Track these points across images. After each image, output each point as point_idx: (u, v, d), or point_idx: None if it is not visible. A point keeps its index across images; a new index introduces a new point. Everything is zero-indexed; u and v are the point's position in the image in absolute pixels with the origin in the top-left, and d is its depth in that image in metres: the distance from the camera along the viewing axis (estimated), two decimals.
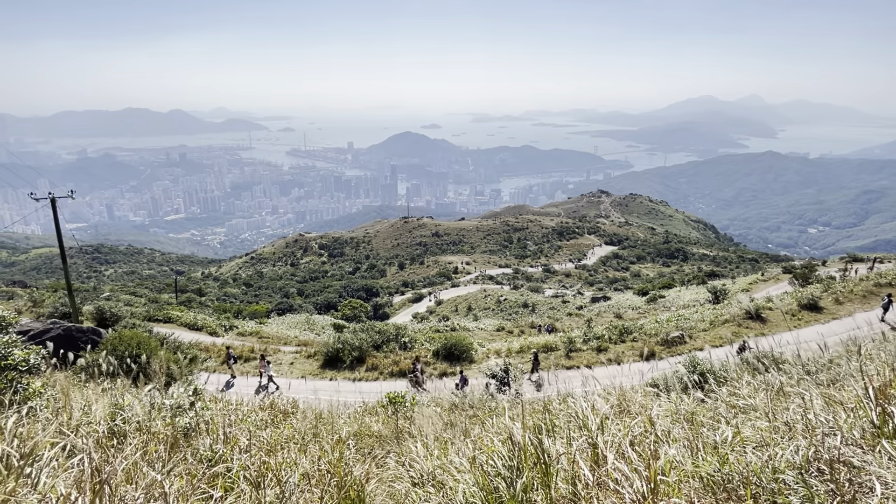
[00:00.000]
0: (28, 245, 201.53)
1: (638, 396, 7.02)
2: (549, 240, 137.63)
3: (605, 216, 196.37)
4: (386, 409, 9.80)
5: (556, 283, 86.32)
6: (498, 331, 39.35)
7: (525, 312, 59.00)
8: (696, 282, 57.08)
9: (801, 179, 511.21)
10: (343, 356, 25.46)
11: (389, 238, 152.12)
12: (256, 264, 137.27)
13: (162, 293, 73.79)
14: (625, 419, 5.44)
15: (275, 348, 29.51)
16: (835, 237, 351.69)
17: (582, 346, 26.09)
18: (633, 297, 55.92)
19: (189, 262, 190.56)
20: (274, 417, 8.21)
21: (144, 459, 4.35)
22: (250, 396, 11.87)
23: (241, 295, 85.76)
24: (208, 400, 8.06)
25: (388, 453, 6.72)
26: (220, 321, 37.37)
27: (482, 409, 9.41)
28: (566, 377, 20.63)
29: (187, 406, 6.80)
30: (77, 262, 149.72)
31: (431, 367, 24.54)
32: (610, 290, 72.78)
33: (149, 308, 39.52)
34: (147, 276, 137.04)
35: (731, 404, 6.03)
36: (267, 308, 60.69)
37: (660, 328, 27.20)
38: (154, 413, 6.37)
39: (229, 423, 6.26)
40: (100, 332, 20.93)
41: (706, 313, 30.20)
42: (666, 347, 24.66)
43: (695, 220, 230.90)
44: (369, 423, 8.79)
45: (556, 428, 5.00)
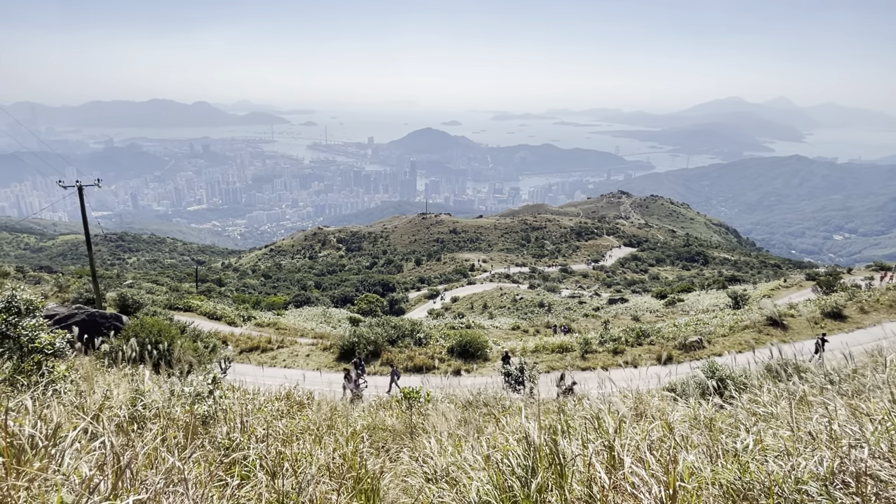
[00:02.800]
0: (55, 231, 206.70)
1: (655, 400, 6.94)
2: (567, 240, 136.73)
3: (625, 217, 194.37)
4: (400, 403, 9.84)
5: (573, 283, 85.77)
6: (513, 329, 39.25)
7: (541, 312, 58.73)
8: (717, 286, 56.21)
9: (828, 185, 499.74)
10: (358, 349, 25.62)
11: (407, 234, 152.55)
12: (275, 256, 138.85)
13: (183, 282, 75.09)
14: (642, 423, 5.37)
15: (291, 340, 29.83)
16: (861, 245, 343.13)
17: (598, 347, 25.90)
18: (651, 299, 55.31)
19: (210, 252, 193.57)
20: (290, 408, 8.30)
21: (164, 445, 4.42)
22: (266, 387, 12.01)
23: (260, 286, 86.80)
24: (226, 389, 8.17)
25: (402, 448, 6.74)
26: (239, 311, 37.91)
27: (497, 408, 9.39)
28: (581, 378, 20.51)
29: (206, 394, 6.90)
30: (101, 249, 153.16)
31: (446, 364, 24.59)
32: (628, 292, 72.08)
33: (170, 296, 40.23)
34: (169, 265, 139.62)
35: (752, 412, 5.92)
36: (284, 300, 61.34)
37: (678, 332, 26.87)
38: (174, 400, 6.48)
39: (246, 413, 6.34)
40: (122, 318, 21.38)
41: (726, 318, 29.74)
42: (684, 352, 24.37)
43: (717, 223, 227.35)
44: (383, 417, 8.83)
45: (571, 429, 4.96)
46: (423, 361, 24.27)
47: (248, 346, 27.87)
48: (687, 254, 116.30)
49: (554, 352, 26.01)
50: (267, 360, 25.95)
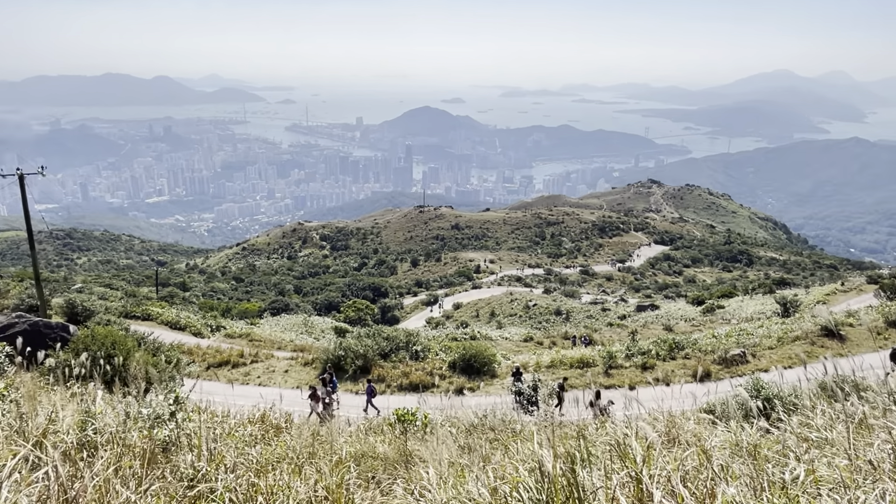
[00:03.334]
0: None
1: (690, 424, 6.94)
2: (588, 236, 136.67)
3: (656, 210, 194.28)
4: (393, 427, 9.84)
5: (596, 287, 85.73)
6: (525, 341, 39.29)
7: (558, 321, 58.75)
8: (763, 290, 56.21)
9: (894, 172, 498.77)
10: (345, 365, 25.65)
11: (402, 230, 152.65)
12: (248, 256, 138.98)
13: (141, 286, 75.16)
14: (674, 450, 5.37)
15: (267, 353, 29.87)
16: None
17: (624, 362, 25.91)
18: (686, 306, 55.33)
19: (172, 251, 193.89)
20: (265, 433, 8.31)
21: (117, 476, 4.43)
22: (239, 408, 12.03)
23: (231, 291, 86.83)
24: (191, 410, 8.18)
25: (396, 479, 6.74)
26: (206, 320, 37.96)
27: (505, 432, 9.39)
28: (605, 397, 20.48)
29: (167, 416, 6.91)
30: (46, 248, 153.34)
31: (447, 382, 24.61)
32: (659, 297, 72.06)
33: (126, 303, 40.29)
34: (124, 266, 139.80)
35: (803, 437, 5.91)
36: (259, 307, 61.39)
37: (717, 344, 26.86)
38: (129, 423, 6.49)
39: (214, 438, 6.34)
40: (70, 328, 21.42)
41: (773, 328, 29.72)
42: (724, 367, 24.37)
43: (763, 217, 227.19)
44: (373, 442, 8.84)
45: (592, 457, 4.96)
46: (420, 378, 24.29)
47: (217, 360, 27.90)
48: (728, 253, 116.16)
49: (573, 367, 26.03)
50: (239, 377, 25.96)
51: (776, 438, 6.02)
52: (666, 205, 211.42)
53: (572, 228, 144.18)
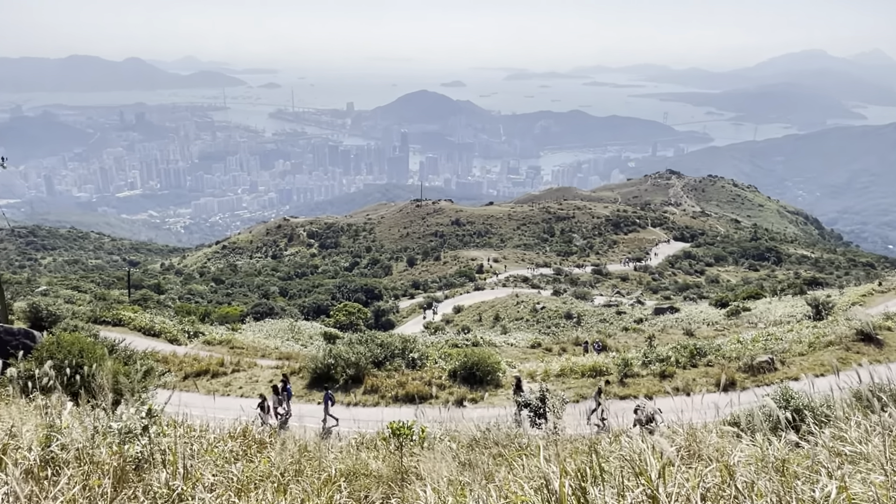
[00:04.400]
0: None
1: (712, 437, 6.94)
2: (601, 232, 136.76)
3: (675, 204, 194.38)
4: (387, 442, 9.84)
5: (610, 288, 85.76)
6: (532, 347, 39.33)
7: (568, 325, 58.75)
8: (793, 291, 56.27)
9: None
10: (335, 374, 25.66)
11: (397, 226, 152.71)
12: (229, 255, 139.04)
13: (111, 288, 75.23)
14: (695, 465, 5.38)
15: (250, 362, 29.89)
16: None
17: (640, 370, 25.93)
18: (708, 308, 55.34)
19: (146, 250, 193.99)
20: (247, 448, 8.31)
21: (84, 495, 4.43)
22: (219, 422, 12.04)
23: (210, 293, 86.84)
24: (166, 424, 8.19)
25: (389, 498, 6.75)
26: (183, 326, 37.98)
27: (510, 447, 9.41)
28: (619, 409, 20.52)
29: (139, 431, 6.92)
30: (8, 247, 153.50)
31: (447, 392, 24.63)
32: (679, 299, 72.08)
33: (95, 307, 40.29)
34: (93, 266, 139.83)
35: (836, 451, 5.92)
36: (241, 311, 61.42)
37: (743, 350, 26.88)
38: (98, 438, 6.49)
39: (191, 454, 6.35)
40: (34, 335, 21.43)
41: (804, 332, 29.75)
42: (750, 375, 24.39)
43: (792, 211, 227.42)
44: (366, 459, 8.85)
45: (604, 474, 4.97)
46: (417, 388, 24.31)
47: (195, 369, 27.92)
48: (755, 250, 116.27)
49: (584, 375, 26.07)
50: (219, 388, 25.98)
51: (806, 453, 6.02)
52: (686, 198, 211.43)
53: (584, 224, 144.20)
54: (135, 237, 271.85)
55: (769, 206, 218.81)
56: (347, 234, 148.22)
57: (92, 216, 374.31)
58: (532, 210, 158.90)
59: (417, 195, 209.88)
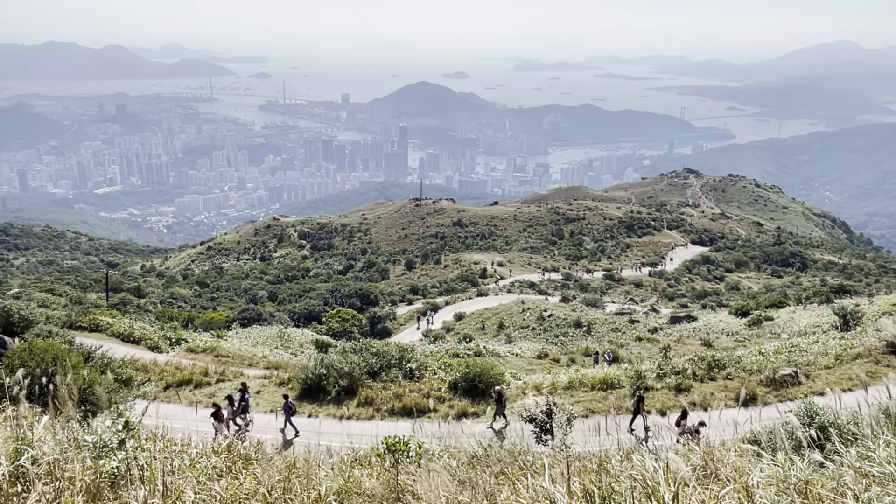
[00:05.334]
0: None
1: (731, 455, 6.94)
2: (613, 235, 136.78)
3: (694, 205, 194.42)
4: (382, 458, 9.83)
5: (622, 294, 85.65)
6: (539, 358, 39.29)
7: (578, 334, 58.71)
8: (819, 299, 56.18)
9: None
10: (327, 385, 25.64)
11: (395, 227, 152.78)
12: (215, 257, 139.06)
13: (88, 291, 75.26)
14: (712, 486, 5.37)
15: (236, 371, 29.89)
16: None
17: (655, 383, 25.89)
18: (728, 317, 55.26)
19: (125, 250, 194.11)
20: (232, 464, 8.31)
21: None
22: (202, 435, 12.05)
23: (194, 297, 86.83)
24: (144, 437, 8.19)
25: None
26: (165, 332, 37.99)
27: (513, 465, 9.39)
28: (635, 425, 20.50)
29: (116, 445, 6.92)
30: None
31: (447, 405, 24.61)
32: (696, 307, 72.04)
33: (70, 311, 40.31)
34: (69, 267, 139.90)
35: (863, 472, 5.91)
36: (227, 317, 61.47)
37: (765, 362, 26.83)
38: (72, 452, 6.49)
39: (171, 470, 6.35)
40: (5, 340, 21.46)
41: (831, 344, 29.69)
42: (772, 389, 24.35)
43: (819, 213, 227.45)
44: (359, 476, 8.84)
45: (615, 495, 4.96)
46: (415, 401, 24.29)
47: (177, 379, 27.91)
48: (778, 255, 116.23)
49: (594, 388, 26.02)
50: (202, 399, 25.97)
51: (831, 474, 6.02)
52: (705, 198, 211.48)
53: (595, 226, 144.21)
54: (114, 237, 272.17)
55: (794, 207, 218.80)
56: (342, 235, 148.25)
57: (68, 214, 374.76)
58: (539, 211, 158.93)
59: (416, 194, 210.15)
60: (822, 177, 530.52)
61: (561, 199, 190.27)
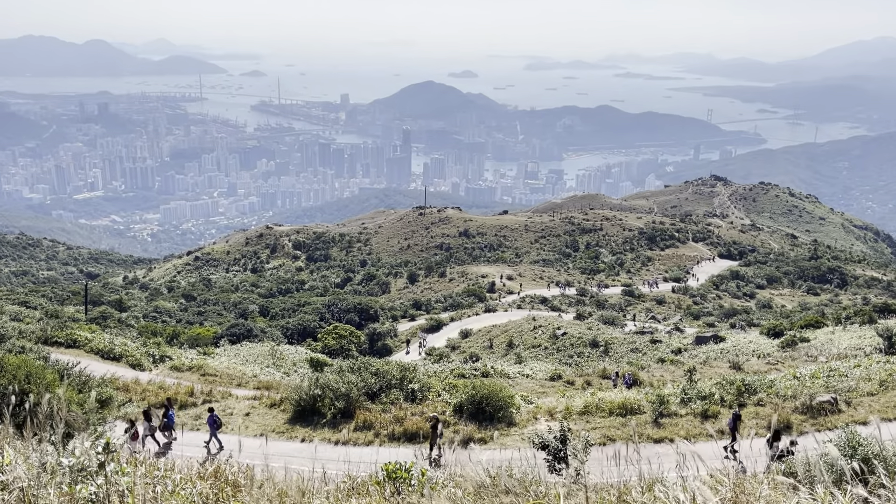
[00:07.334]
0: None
1: (763, 489, 6.88)
2: (633, 247, 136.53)
3: (721, 215, 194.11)
4: (382, 486, 9.80)
5: (643, 312, 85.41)
6: (552, 380, 39.15)
7: (594, 355, 58.50)
8: (860, 319, 55.87)
9: None
10: (322, 407, 25.60)
11: (397, 237, 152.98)
12: (203, 268, 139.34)
13: (66, 304, 75.41)
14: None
15: (224, 391, 29.88)
16: None
17: (678, 408, 25.73)
18: (759, 338, 55.00)
19: (106, 260, 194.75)
20: (219, 491, 8.28)
21: None
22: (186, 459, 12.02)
23: (179, 312, 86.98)
24: (125, 461, 8.17)
25: None
26: (148, 348, 38.05)
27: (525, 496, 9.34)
28: (653, 454, 20.35)
29: (94, 469, 6.90)
30: None
31: (451, 430, 24.51)
32: (724, 326, 71.67)
33: (46, 325, 40.36)
34: (45, 278, 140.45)
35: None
36: (215, 332, 61.50)
37: (800, 387, 26.66)
38: (46, 477, 6.47)
39: (154, 497, 6.32)
40: None
41: (874, 368, 29.48)
42: (809, 417, 24.18)
43: (860, 225, 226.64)
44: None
45: None
46: (417, 425, 24.22)
47: (161, 399, 27.89)
48: (815, 270, 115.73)
49: (613, 414, 25.88)
50: (187, 421, 25.98)
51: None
52: (734, 208, 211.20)
53: (613, 237, 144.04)
54: (94, 245, 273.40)
55: (832, 219, 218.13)
56: (339, 246, 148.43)
57: (45, 221, 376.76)
58: (553, 220, 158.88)
59: (420, 202, 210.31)
60: (864, 185, 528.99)
61: (576, 209, 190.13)
